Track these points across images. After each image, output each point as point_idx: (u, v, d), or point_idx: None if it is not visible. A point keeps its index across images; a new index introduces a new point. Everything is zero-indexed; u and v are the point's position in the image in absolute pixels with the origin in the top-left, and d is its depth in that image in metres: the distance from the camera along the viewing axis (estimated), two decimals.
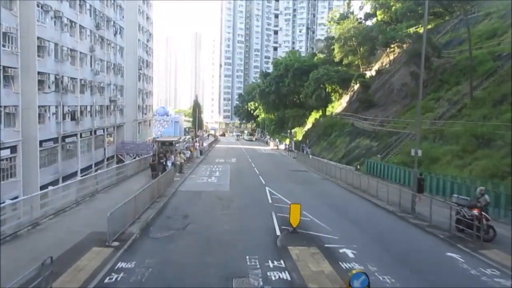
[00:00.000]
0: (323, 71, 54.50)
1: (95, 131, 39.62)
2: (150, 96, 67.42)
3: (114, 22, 44.90)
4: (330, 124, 47.54)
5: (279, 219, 14.56)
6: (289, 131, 63.31)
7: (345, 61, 62.21)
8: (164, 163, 24.39)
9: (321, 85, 55.88)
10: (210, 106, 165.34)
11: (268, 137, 78.76)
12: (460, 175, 20.97)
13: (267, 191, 21.22)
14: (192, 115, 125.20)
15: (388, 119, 36.50)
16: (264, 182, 24.79)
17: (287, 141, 65.53)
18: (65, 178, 31.39)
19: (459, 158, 23.53)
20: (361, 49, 59.53)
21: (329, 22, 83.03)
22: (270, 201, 18.47)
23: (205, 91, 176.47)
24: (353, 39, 60.41)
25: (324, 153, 42.48)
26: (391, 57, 55.32)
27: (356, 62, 62.16)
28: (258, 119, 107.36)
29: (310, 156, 43.29)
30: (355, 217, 16.09)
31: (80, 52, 35.32)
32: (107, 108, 43.50)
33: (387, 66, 56.26)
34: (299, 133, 65.82)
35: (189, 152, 33.27)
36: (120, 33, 47.89)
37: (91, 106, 38.24)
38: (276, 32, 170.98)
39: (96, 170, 40.78)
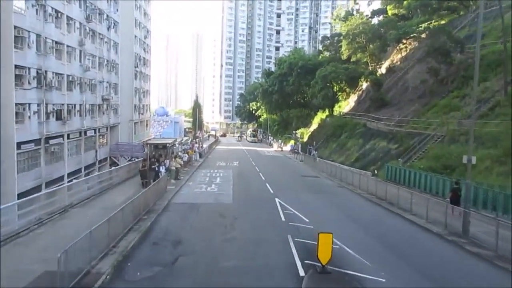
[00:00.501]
0: (331, 69, 51.11)
1: (85, 132, 36.30)
2: (148, 95, 64.13)
3: (107, 16, 41.54)
4: (339, 124, 44.11)
5: (298, 247, 11.15)
6: (294, 132, 59.86)
7: (353, 59, 58.81)
8: (156, 169, 20.98)
9: (328, 84, 52.47)
10: (211, 107, 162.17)
11: (271, 138, 75.35)
12: (507, 184, 17.53)
13: (278, 203, 17.81)
14: (192, 116, 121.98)
15: (407, 119, 33.09)
16: (272, 191, 21.39)
17: (292, 142, 62.13)
18: (49, 184, 28.10)
19: (501, 164, 20.11)
20: (371, 45, 56.15)
21: (334, 20, 79.81)
22: (283, 219, 15.05)
23: (206, 91, 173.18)
24: (362, 35, 57.09)
25: (334, 156, 39.06)
26: (403, 54, 51.93)
27: (365, 60, 58.74)
28: (260, 119, 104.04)
29: (318, 159, 39.94)
30: (395, 243, 12.58)
31: (68, 46, 31.96)
32: (99, 107, 40.18)
33: (399, 63, 52.90)
34: (304, 134, 62.39)
35: (187, 155, 29.85)
36: (114, 27, 44.58)
37: (80, 104, 34.90)
38: (278, 32, 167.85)
39: (87, 174, 37.59)
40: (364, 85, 56.54)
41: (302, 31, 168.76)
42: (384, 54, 58.17)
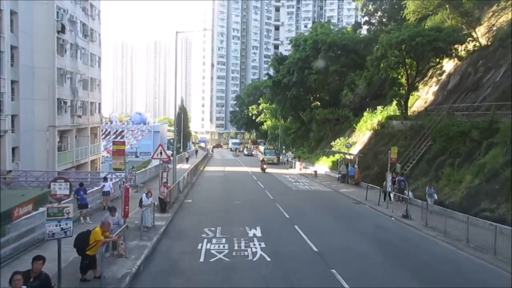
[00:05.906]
0: (410, 32, 27.87)
1: None
2: (96, 88, 40.03)
3: None
4: (462, 130, 20.79)
5: None
6: (347, 142, 36.10)
7: (429, 23, 35.88)
8: None
9: (408, 58, 29.08)
10: (200, 114, 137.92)
11: (288, 154, 51.10)
12: None
13: None
14: (176, 124, 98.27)
15: None
16: None
17: (328, 161, 38.45)
18: None
19: None
20: None
21: None
22: None
23: (194, 96, 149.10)
24: None
25: (497, 208, 15.41)
26: None
27: (449, 24, 35.59)
28: (263, 126, 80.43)
29: (436, 210, 16.42)
30: None
31: None
32: None
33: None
34: (339, 147, 38.75)
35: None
36: None
37: None
38: (277, 28, 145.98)
39: None
40: (449, 65, 33.69)
41: (305, 26, 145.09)
42: (481, 12, 35.29)
